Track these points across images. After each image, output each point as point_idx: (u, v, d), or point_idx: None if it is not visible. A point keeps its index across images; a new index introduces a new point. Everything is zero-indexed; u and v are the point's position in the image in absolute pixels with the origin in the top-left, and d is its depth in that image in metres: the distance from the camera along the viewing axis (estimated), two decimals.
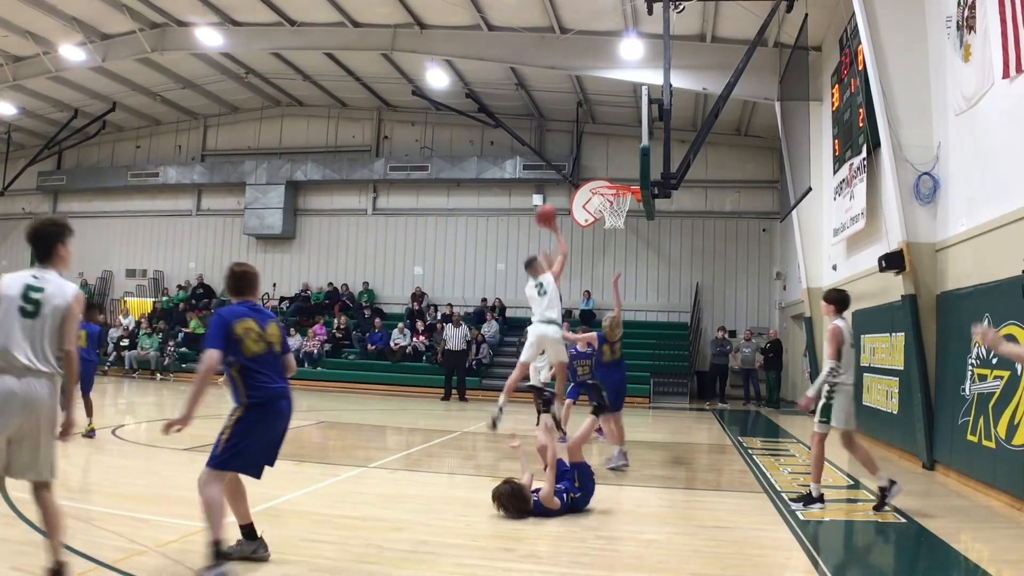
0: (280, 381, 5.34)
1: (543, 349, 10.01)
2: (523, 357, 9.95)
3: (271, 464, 5.38)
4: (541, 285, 9.88)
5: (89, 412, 10.98)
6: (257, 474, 5.31)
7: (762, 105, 20.76)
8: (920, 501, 8.62)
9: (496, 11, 19.53)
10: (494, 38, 20.47)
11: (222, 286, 27.84)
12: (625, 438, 10.58)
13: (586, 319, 23.45)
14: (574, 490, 7.25)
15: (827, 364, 7.92)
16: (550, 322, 9.73)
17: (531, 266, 10.21)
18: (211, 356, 5.05)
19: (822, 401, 7.97)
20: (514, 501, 6.96)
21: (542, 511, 7.01)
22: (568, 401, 12.55)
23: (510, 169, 26.53)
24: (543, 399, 6.84)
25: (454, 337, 21.50)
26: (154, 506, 6.77)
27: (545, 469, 7.45)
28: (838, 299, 8.27)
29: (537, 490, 7.15)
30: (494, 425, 9.40)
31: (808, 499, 7.86)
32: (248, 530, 5.40)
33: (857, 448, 8.11)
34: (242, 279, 5.41)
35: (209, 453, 5.17)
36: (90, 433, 10.84)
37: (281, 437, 5.38)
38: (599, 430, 10.91)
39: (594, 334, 11.43)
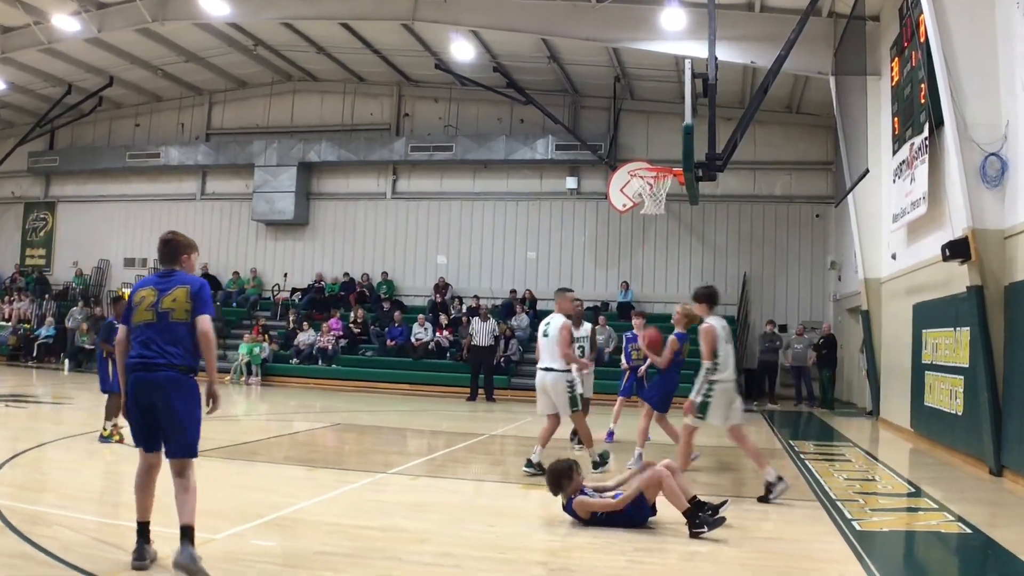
0: (149, 349, 5.36)
1: (549, 397, 9.98)
2: (538, 411, 10.15)
3: (159, 439, 5.43)
4: (548, 325, 9.92)
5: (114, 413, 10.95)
6: (145, 446, 5.48)
7: (815, 80, 20.59)
8: (987, 510, 8.62)
9: None
10: (524, 7, 20.46)
11: (228, 275, 28.25)
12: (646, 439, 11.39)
13: (623, 312, 23.43)
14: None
15: (703, 364, 8.62)
16: (548, 370, 9.81)
17: (558, 294, 10.28)
18: (119, 330, 5.69)
19: (699, 398, 8.64)
20: (558, 479, 7.10)
21: (570, 510, 7.06)
22: (620, 399, 12.83)
23: (541, 149, 26.48)
24: (695, 524, 6.78)
25: (481, 332, 21.55)
26: (153, 515, 6.79)
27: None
28: (709, 296, 8.87)
29: (584, 491, 7.12)
30: (533, 474, 9.47)
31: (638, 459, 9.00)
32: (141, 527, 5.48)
33: (744, 440, 8.95)
34: (164, 247, 5.72)
35: None
36: (106, 439, 10.86)
37: (156, 410, 5.36)
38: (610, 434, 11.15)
39: (674, 337, 11.03)
